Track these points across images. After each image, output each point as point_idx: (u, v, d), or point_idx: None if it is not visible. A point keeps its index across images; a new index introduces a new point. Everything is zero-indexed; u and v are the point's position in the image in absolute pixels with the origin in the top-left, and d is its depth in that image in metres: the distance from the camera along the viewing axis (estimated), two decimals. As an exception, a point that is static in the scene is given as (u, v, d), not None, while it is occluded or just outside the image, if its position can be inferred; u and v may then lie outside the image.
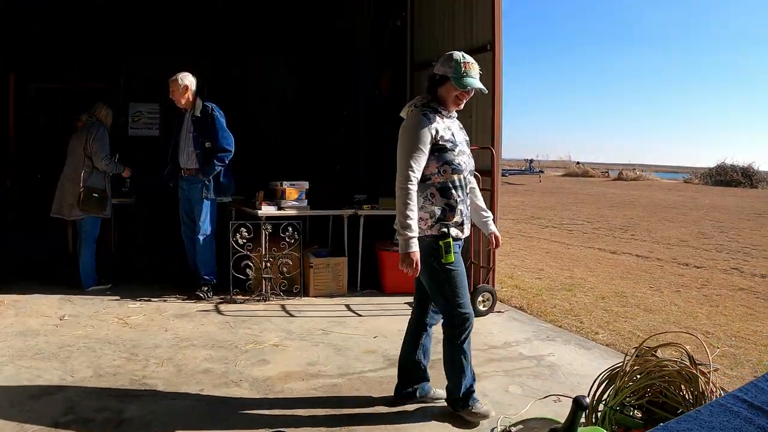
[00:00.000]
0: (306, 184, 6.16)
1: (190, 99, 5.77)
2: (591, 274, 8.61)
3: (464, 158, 3.20)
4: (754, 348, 5.25)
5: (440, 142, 3.10)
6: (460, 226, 3.18)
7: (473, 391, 3.36)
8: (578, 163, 41.28)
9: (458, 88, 3.08)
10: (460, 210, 3.18)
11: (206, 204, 5.78)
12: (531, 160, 38.13)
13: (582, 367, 4.41)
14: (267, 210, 5.89)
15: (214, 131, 5.66)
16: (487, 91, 3.23)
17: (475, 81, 3.09)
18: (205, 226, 5.80)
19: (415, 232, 2.98)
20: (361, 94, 8.50)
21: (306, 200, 6.14)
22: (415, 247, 2.99)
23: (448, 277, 3.16)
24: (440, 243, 3.05)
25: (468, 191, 3.28)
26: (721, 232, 13.74)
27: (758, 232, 13.83)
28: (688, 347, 3.06)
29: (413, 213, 2.99)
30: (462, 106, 3.24)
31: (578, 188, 28.06)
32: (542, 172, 35.90)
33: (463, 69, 3.05)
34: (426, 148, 3.05)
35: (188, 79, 5.75)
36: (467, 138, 3.40)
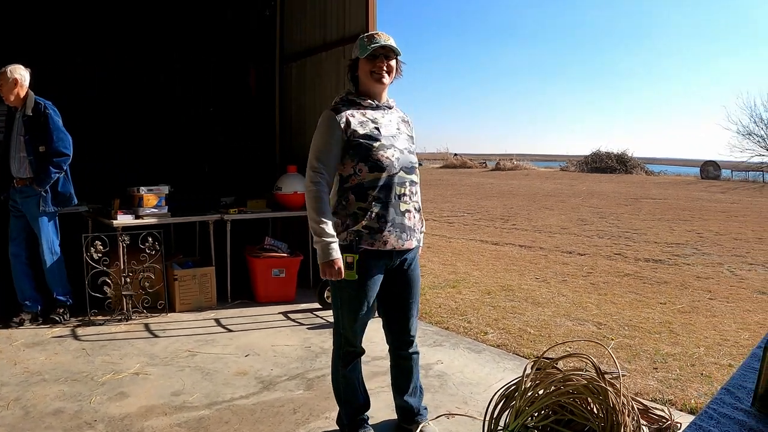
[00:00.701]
0: (165, 189, 6.04)
1: (21, 95, 5.34)
2: (475, 267, 8.76)
3: (390, 153, 2.98)
4: (648, 337, 5.48)
5: (353, 138, 2.94)
6: (376, 233, 2.94)
7: (364, 419, 3.32)
8: (456, 154, 43.61)
9: (368, 59, 2.97)
10: (379, 214, 2.94)
11: (44, 219, 5.43)
12: None
13: (473, 374, 4.43)
14: (123, 219, 5.75)
15: (47, 132, 5.26)
16: (401, 52, 3.03)
17: (380, 41, 2.95)
18: (49, 244, 5.49)
19: (331, 237, 2.84)
20: (227, 90, 8.22)
21: (166, 206, 6.04)
22: (335, 254, 2.84)
23: (343, 298, 3.07)
24: (344, 255, 2.90)
25: (407, 192, 3.04)
26: (601, 218, 14.68)
27: (636, 216, 14.93)
28: (595, 358, 2.91)
29: (325, 215, 2.87)
30: (387, 79, 3.04)
31: (457, 180, 29.49)
32: (420, 164, 37.25)
33: (367, 39, 2.98)
34: (332, 145, 2.94)
35: (18, 72, 5.32)
36: (411, 133, 3.22)
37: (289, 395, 3.92)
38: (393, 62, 3.03)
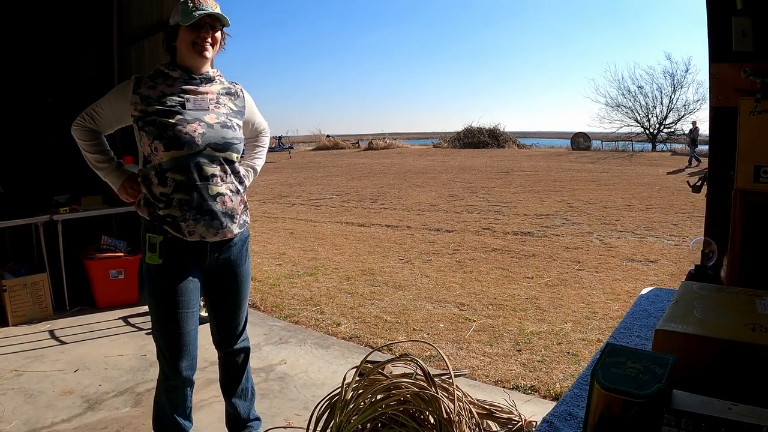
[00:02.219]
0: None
1: None
2: (337, 252, 8.38)
3: (192, 128, 2.61)
4: (513, 315, 5.26)
5: (147, 115, 2.63)
6: (180, 222, 2.61)
7: None
8: (329, 136, 43.96)
9: (190, 28, 2.64)
10: (182, 200, 2.61)
11: None
12: (281, 137, 39.70)
13: (318, 374, 4.13)
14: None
15: None
16: (229, 22, 2.73)
17: (207, 7, 2.64)
18: None
19: (106, 164, 2.82)
20: (64, 77, 7.41)
21: (-16, 208, 5.46)
22: (117, 177, 2.80)
23: (149, 289, 2.77)
24: (147, 235, 2.66)
25: (218, 173, 2.69)
26: (472, 192, 14.77)
27: (507, 189, 15.18)
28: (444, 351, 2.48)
29: (90, 149, 2.82)
30: (210, 52, 2.73)
31: (329, 161, 29.59)
32: (292, 147, 37.66)
33: (191, 4, 2.64)
34: (109, 112, 2.79)
35: None
36: (239, 105, 2.89)
37: (114, 414, 3.63)
38: (218, 33, 2.74)
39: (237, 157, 2.73)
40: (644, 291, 2.23)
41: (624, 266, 7.11)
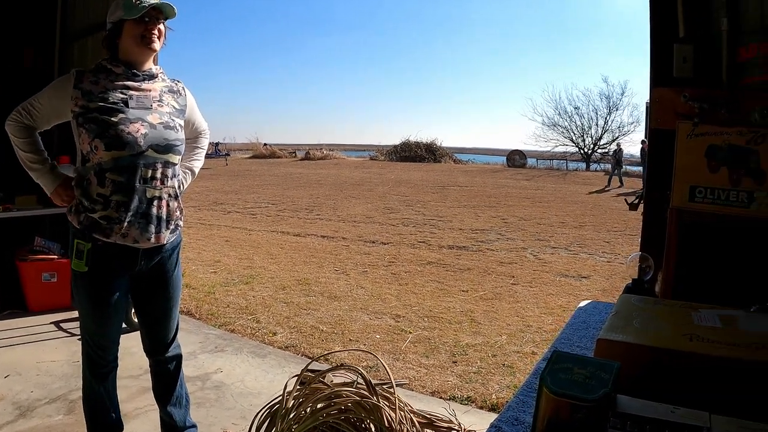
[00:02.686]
0: None
1: None
2: (273, 261, 8.30)
3: (135, 128, 2.54)
4: (448, 327, 5.30)
5: (88, 112, 2.53)
6: (114, 224, 2.54)
7: None
8: (266, 144, 43.66)
9: (136, 21, 2.56)
10: (119, 202, 2.54)
11: None
12: (217, 144, 39.20)
13: (255, 383, 4.07)
14: None
15: None
16: (175, 13, 2.66)
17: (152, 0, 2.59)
18: None
19: (39, 165, 2.71)
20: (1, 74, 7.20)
21: None
22: (51, 180, 2.70)
23: (82, 298, 2.71)
24: (75, 241, 2.60)
25: (158, 176, 2.62)
26: (408, 205, 14.87)
27: (443, 204, 15.32)
28: (365, 369, 2.52)
29: (24, 147, 2.71)
30: (157, 45, 2.67)
31: (265, 170, 29.35)
32: (228, 155, 37.21)
33: None
34: (48, 108, 2.67)
35: None
36: (181, 104, 2.82)
37: (47, 422, 3.50)
38: (162, 26, 2.68)
39: (178, 159, 2.68)
40: (582, 304, 2.31)
41: (557, 281, 7.28)
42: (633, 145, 41.60)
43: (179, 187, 2.72)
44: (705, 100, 2.34)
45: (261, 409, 2.63)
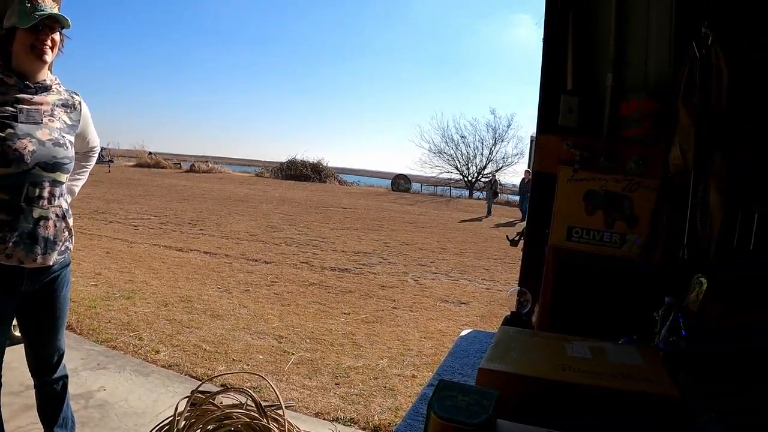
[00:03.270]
0: None
1: None
2: (155, 276, 8.06)
3: (21, 145, 2.44)
4: (330, 349, 5.38)
5: None
6: (0, 244, 2.43)
7: None
8: (151, 153, 42.10)
9: (29, 30, 2.48)
10: (3, 221, 2.43)
11: None
12: (102, 149, 37.16)
13: (139, 402, 3.99)
14: None
15: None
16: (70, 23, 2.59)
17: (46, 8, 2.50)
18: None
19: None
20: None
21: None
22: None
23: None
24: None
25: (45, 195, 2.53)
26: (291, 225, 14.84)
27: (326, 225, 15.39)
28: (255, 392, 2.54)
29: None
30: (49, 56, 2.57)
31: (149, 180, 28.23)
32: (112, 161, 35.57)
33: (29, 5, 2.48)
34: None
35: None
36: (74, 119, 2.73)
37: None
38: (57, 35, 2.60)
39: (65, 178, 2.61)
40: (464, 333, 2.45)
41: (437, 306, 7.53)
42: (516, 176, 43.48)
43: (64, 206, 2.64)
44: (586, 148, 2.57)
45: (152, 430, 2.61)
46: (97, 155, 3.10)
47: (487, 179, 40.10)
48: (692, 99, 2.26)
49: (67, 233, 2.64)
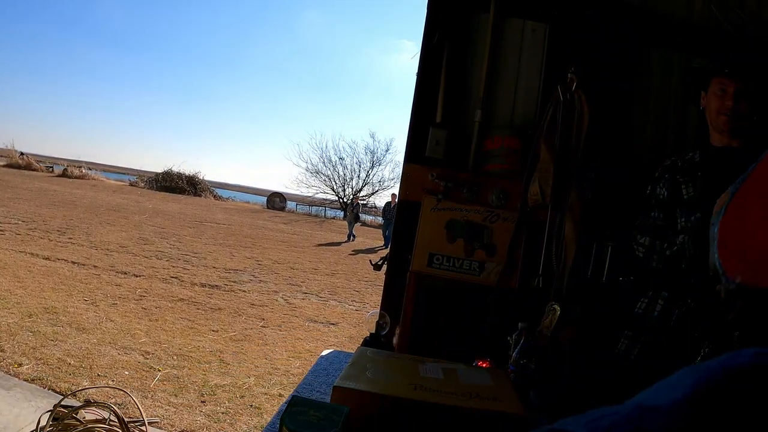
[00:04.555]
0: None
1: None
2: (19, 285, 7.62)
3: None
4: (197, 367, 5.35)
5: None
6: None
7: None
8: (22, 154, 39.23)
9: None
10: None
11: None
12: None
13: (1, 417, 3.78)
14: None
15: None
16: None
17: None
18: None
19: None
20: None
21: None
22: None
23: None
24: None
25: None
26: (163, 238, 14.42)
27: (199, 239, 15.09)
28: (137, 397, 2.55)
29: None
30: None
31: (18, 182, 26.18)
32: None
33: None
34: None
35: None
36: None
37: None
38: None
39: None
40: (325, 352, 2.57)
41: (306, 326, 7.64)
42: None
43: None
44: (450, 179, 2.80)
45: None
46: None
47: (362, 202, 40.49)
48: (553, 137, 2.51)
49: None
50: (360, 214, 25.50)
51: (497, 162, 2.77)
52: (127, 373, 4.98)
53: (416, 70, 2.97)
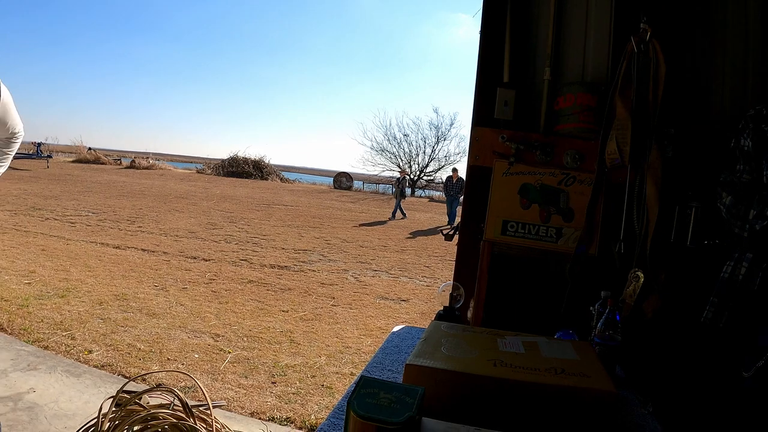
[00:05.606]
0: None
1: None
2: (90, 274, 7.79)
3: None
4: (268, 348, 5.28)
5: None
6: None
7: None
8: (90, 149, 40.82)
9: None
10: None
11: None
12: (39, 144, 35.94)
13: (69, 404, 3.83)
14: None
15: None
16: None
17: None
18: None
19: None
20: None
21: None
22: None
23: None
24: None
25: None
26: (231, 222, 14.58)
27: (267, 222, 15.18)
28: (181, 392, 2.45)
29: None
30: None
31: (88, 176, 27.31)
32: (51, 156, 34.30)
33: None
34: None
35: None
36: None
37: None
38: None
39: None
40: (396, 328, 2.40)
41: (377, 303, 7.51)
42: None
43: None
44: (522, 141, 2.56)
45: (78, 430, 2.49)
46: (20, 141, 2.91)
47: (429, 178, 40.10)
48: (629, 93, 2.27)
49: None
50: (406, 189, 23.81)
51: (570, 121, 2.52)
52: (197, 356, 4.95)
53: (479, 29, 2.75)
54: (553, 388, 1.37)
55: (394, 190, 22.54)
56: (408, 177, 23.50)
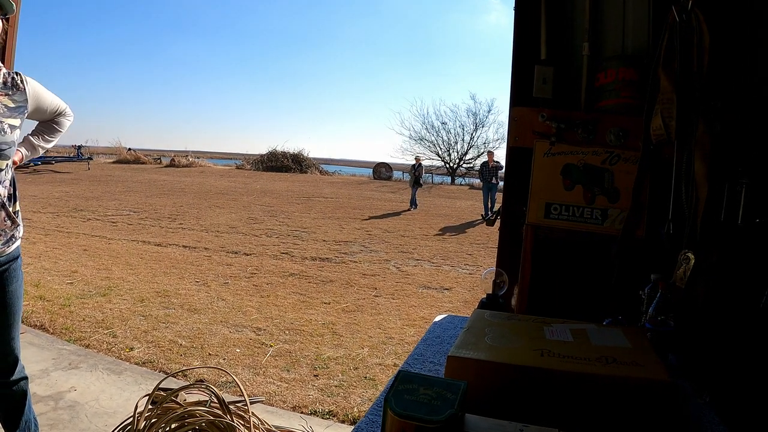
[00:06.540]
0: None
1: None
2: (132, 272, 7.89)
3: None
4: (309, 340, 5.24)
5: None
6: None
7: None
8: (130, 149, 41.61)
9: None
10: None
11: None
12: (80, 146, 36.85)
13: (110, 402, 3.85)
14: None
15: None
16: (14, 8, 2.42)
17: None
18: None
19: None
20: None
21: None
22: None
23: None
24: None
25: None
26: (272, 216, 14.64)
27: (307, 215, 15.21)
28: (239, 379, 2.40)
29: None
30: None
31: (128, 176, 27.87)
32: (91, 158, 35.10)
33: None
34: None
35: None
36: (18, 100, 2.47)
37: None
38: (1, 22, 2.47)
39: (6, 164, 2.42)
40: (438, 318, 2.31)
41: (420, 293, 7.43)
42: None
43: (11, 197, 2.45)
44: (562, 120, 2.44)
45: (116, 428, 2.47)
46: (70, 117, 2.86)
47: (468, 165, 39.68)
48: (673, 65, 2.14)
49: (9, 222, 2.43)
50: (422, 177, 21.67)
51: (612, 97, 2.39)
52: (238, 350, 4.94)
53: (513, 7, 2.63)
54: (604, 379, 1.28)
55: (409, 177, 21.06)
56: (422, 164, 21.36)
